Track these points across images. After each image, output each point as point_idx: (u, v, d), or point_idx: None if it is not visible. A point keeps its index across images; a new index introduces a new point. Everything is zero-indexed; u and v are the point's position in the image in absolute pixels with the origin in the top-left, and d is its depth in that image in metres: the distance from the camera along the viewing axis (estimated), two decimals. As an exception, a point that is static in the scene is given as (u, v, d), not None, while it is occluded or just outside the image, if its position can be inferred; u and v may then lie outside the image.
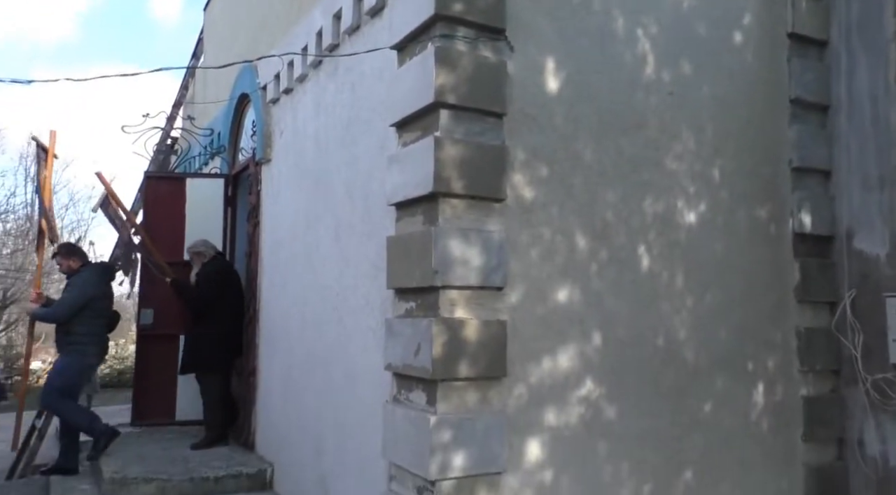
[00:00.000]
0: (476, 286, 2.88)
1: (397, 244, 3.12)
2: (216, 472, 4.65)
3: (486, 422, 2.82)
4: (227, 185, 6.32)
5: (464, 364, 2.80)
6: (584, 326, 3.11)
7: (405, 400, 3.02)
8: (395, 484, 3.02)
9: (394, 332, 3.09)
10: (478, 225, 2.92)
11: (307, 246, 4.46)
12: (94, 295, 5.33)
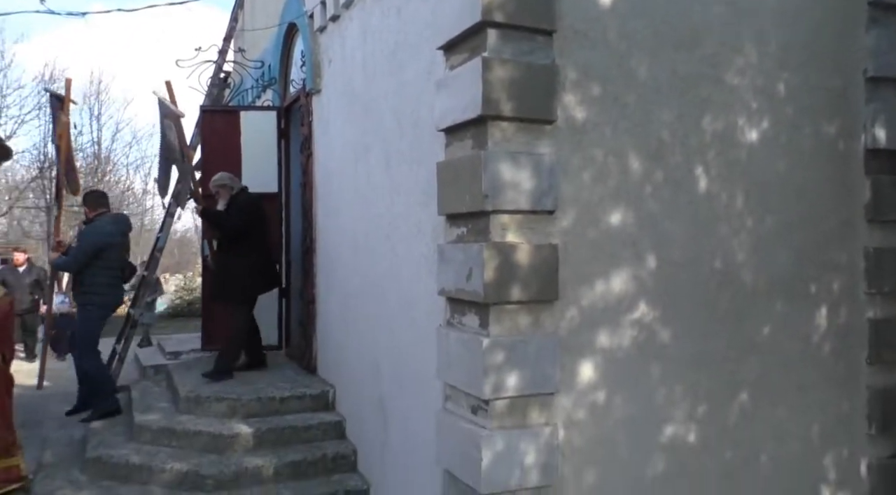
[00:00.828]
0: (527, 210, 2.86)
1: (447, 170, 3.10)
2: (282, 393, 4.91)
3: (539, 344, 2.86)
4: (280, 118, 6.37)
5: (515, 288, 2.82)
6: (637, 249, 3.06)
7: (458, 323, 3.07)
8: (450, 403, 3.13)
9: (445, 258, 3.12)
10: (528, 148, 2.86)
11: (358, 175, 4.50)
12: (105, 244, 5.41)
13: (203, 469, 4.13)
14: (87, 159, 19.50)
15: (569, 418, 2.91)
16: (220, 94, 6.99)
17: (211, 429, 4.48)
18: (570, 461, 2.89)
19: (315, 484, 4.18)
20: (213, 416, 4.71)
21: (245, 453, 4.38)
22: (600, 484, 2.94)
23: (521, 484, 2.78)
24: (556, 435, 2.86)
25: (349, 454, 4.45)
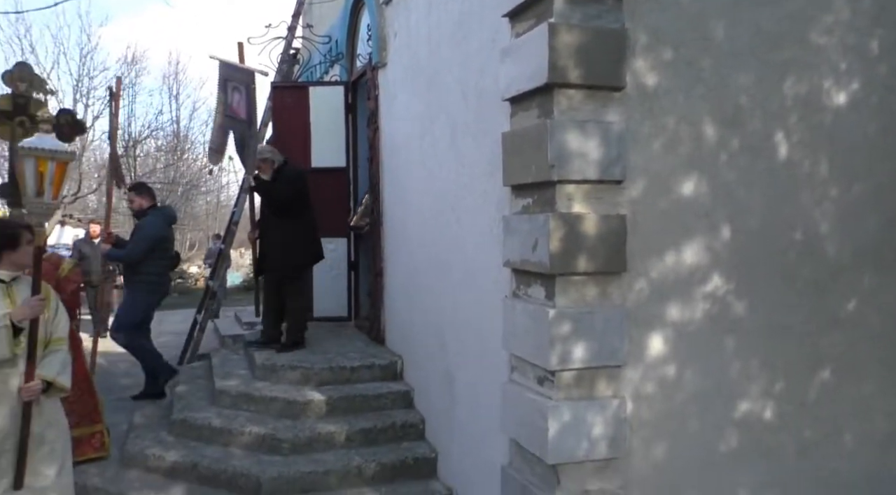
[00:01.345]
0: (594, 180, 2.80)
1: (512, 140, 3.07)
2: (352, 362, 5.05)
3: (606, 316, 2.82)
4: (347, 92, 6.44)
5: (582, 258, 2.78)
6: (711, 219, 2.95)
7: (524, 295, 3.07)
8: (516, 374, 3.14)
9: (511, 229, 3.10)
10: (596, 116, 2.79)
11: (423, 148, 4.51)
12: (161, 236, 5.68)
13: (279, 433, 4.32)
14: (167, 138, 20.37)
15: (637, 391, 2.86)
16: (289, 70, 7.12)
17: (286, 396, 4.66)
18: (638, 434, 2.85)
19: (385, 451, 4.29)
20: (287, 383, 4.90)
21: (318, 419, 4.54)
22: (670, 459, 2.90)
23: (589, 455, 2.77)
24: (624, 407, 2.83)
25: (417, 423, 4.54)
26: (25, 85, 3.81)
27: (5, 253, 2.98)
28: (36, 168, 2.97)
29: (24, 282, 3.05)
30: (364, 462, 4.15)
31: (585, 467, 2.80)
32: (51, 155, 2.97)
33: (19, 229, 3.06)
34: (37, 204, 3.02)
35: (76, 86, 17.96)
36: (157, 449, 4.39)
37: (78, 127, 4.03)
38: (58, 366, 3.02)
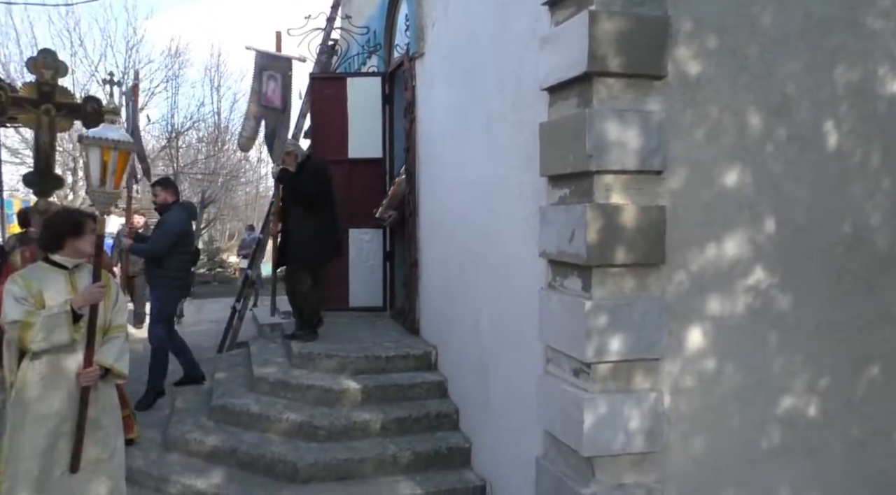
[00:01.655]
0: (633, 170, 2.75)
1: (550, 130, 3.03)
2: (387, 352, 5.09)
3: (644, 308, 2.77)
4: (384, 83, 6.46)
5: (620, 250, 2.74)
6: (754, 211, 2.88)
7: (560, 286, 3.04)
8: (551, 366, 3.12)
9: (547, 220, 3.08)
10: (636, 105, 2.74)
11: (459, 138, 4.50)
12: (184, 231, 5.74)
13: (316, 420, 4.38)
14: (208, 129, 20.73)
15: (676, 385, 2.82)
16: (328, 61, 7.17)
17: (322, 384, 4.72)
18: (676, 428, 2.81)
19: (419, 440, 4.32)
20: (323, 372, 4.96)
21: (353, 407, 4.59)
22: (709, 454, 2.85)
23: (625, 448, 2.74)
24: (661, 401, 2.79)
25: (451, 413, 4.56)
26: (51, 72, 3.79)
27: (69, 240, 3.02)
28: (101, 157, 2.99)
29: (86, 270, 3.10)
30: (399, 450, 4.18)
31: (621, 460, 2.77)
32: (114, 144, 2.99)
33: (84, 217, 3.12)
34: (100, 193, 3.04)
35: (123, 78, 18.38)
36: (198, 434, 4.50)
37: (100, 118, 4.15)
38: (115, 352, 3.07)
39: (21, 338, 2.84)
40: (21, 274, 3.04)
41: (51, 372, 2.93)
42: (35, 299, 2.90)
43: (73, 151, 18.12)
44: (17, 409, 2.93)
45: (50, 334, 2.85)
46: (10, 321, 2.85)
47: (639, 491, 2.75)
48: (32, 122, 3.79)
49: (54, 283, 2.99)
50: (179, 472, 4.18)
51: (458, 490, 3.97)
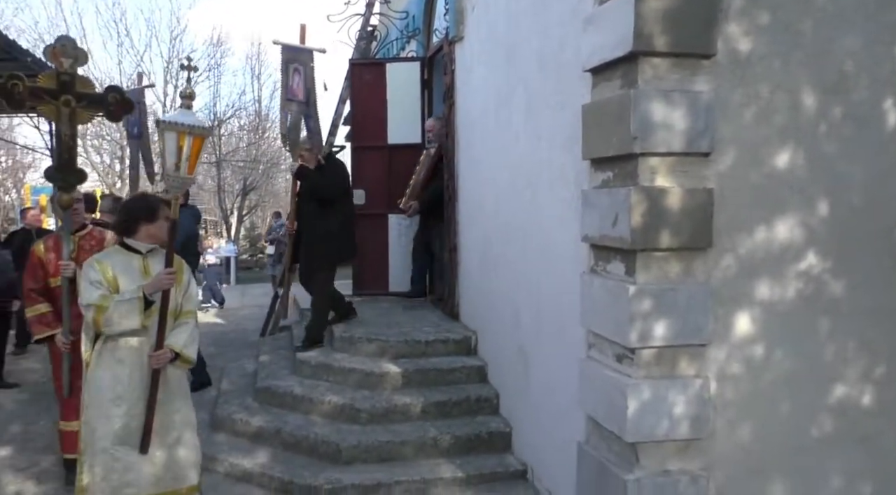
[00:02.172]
0: (679, 152, 2.69)
1: (593, 112, 2.98)
2: (427, 337, 5.11)
3: (690, 293, 2.72)
4: (423, 68, 6.44)
5: (665, 234, 2.69)
6: (807, 194, 2.78)
7: (602, 271, 3.00)
8: (594, 351, 3.09)
9: (590, 203, 3.04)
10: (683, 85, 2.67)
11: (499, 122, 4.46)
12: (193, 233, 5.89)
13: (357, 403, 4.44)
14: (249, 117, 21.05)
15: (722, 371, 2.76)
16: (367, 46, 7.18)
17: (363, 367, 4.78)
18: (723, 415, 2.76)
19: (459, 424, 4.34)
20: (364, 355, 5.02)
21: (394, 391, 4.63)
22: (756, 441, 2.79)
23: (669, 435, 2.71)
24: (707, 387, 2.74)
25: (491, 397, 4.56)
26: (70, 61, 3.57)
27: (143, 225, 3.07)
28: (176, 142, 2.97)
29: (159, 255, 3.12)
30: (439, 434, 4.21)
31: (666, 446, 2.74)
32: (189, 129, 2.98)
33: (158, 202, 3.16)
34: (174, 177, 3.04)
35: (166, 68, 18.80)
36: (244, 415, 4.61)
37: (126, 105, 3.87)
38: (185, 338, 3.11)
39: (95, 321, 2.91)
40: (97, 258, 3.09)
41: (123, 355, 2.99)
42: (110, 283, 2.96)
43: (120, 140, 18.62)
44: (91, 390, 3.00)
45: (122, 319, 2.90)
46: (85, 304, 2.92)
47: (684, 477, 2.72)
48: (52, 114, 3.68)
49: (128, 268, 3.05)
50: (227, 452, 4.30)
51: (499, 474, 3.99)
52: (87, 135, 18.10)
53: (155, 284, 2.97)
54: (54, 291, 3.92)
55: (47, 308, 3.93)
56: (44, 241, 4.06)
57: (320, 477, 3.86)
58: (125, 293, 2.94)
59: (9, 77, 3.55)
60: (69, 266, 3.76)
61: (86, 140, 18.05)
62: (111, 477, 2.93)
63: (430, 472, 3.96)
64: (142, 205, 3.14)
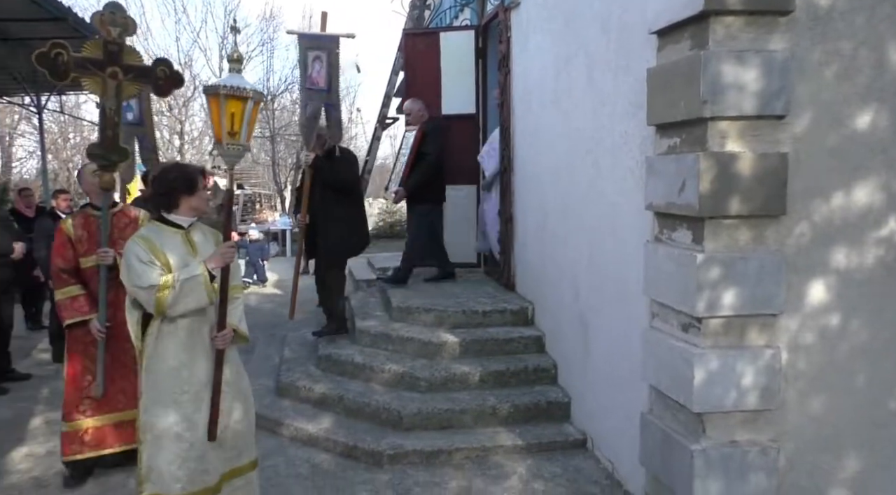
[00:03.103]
0: (752, 115, 2.59)
1: (659, 75, 2.89)
2: (483, 307, 5.13)
3: (761, 262, 2.64)
4: (477, 37, 6.36)
5: (735, 200, 2.61)
6: (889, 156, 2.65)
7: (667, 239, 2.94)
8: (657, 321, 3.04)
9: (655, 170, 2.96)
10: (757, 44, 2.56)
11: (558, 89, 4.38)
12: None
13: (416, 371, 4.51)
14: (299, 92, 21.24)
15: (794, 341, 2.69)
16: (420, 16, 7.12)
17: (421, 337, 4.84)
18: (794, 386, 2.69)
19: (518, 394, 4.37)
20: (421, 325, 5.08)
21: (452, 360, 4.69)
22: (829, 413, 2.72)
23: (738, 405, 2.66)
24: (778, 357, 2.67)
25: (549, 367, 4.57)
26: (118, 30, 3.34)
27: (184, 197, 2.83)
28: (227, 108, 2.73)
29: (199, 229, 2.94)
30: (498, 403, 4.24)
31: (734, 417, 2.70)
32: (235, 91, 2.73)
33: (197, 172, 2.90)
34: (228, 145, 2.78)
35: (221, 43, 19.07)
36: (307, 382, 4.74)
37: (175, 79, 3.58)
38: (239, 314, 2.96)
39: (158, 302, 2.65)
40: (142, 235, 2.82)
41: (186, 337, 2.79)
42: (161, 263, 2.72)
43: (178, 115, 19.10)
44: (153, 378, 2.79)
45: (189, 298, 2.69)
46: (145, 286, 2.65)
47: (753, 448, 2.67)
48: (97, 87, 3.35)
49: (174, 244, 2.81)
50: (292, 417, 4.44)
51: (558, 442, 4.01)
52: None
53: (219, 258, 2.77)
54: (85, 272, 3.66)
55: (80, 290, 3.64)
56: (72, 218, 3.73)
57: (383, 442, 3.96)
58: (188, 270, 2.71)
59: (52, 46, 3.26)
60: (108, 254, 3.55)
61: (148, 117, 18.57)
62: (187, 464, 2.76)
63: (490, 440, 4.00)
64: (180, 176, 2.84)
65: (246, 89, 2.76)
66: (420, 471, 3.76)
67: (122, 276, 2.76)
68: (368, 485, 3.61)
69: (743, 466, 2.67)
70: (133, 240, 2.78)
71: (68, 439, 3.66)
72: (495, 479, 3.64)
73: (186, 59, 18.92)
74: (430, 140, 5.80)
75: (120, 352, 3.64)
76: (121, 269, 2.79)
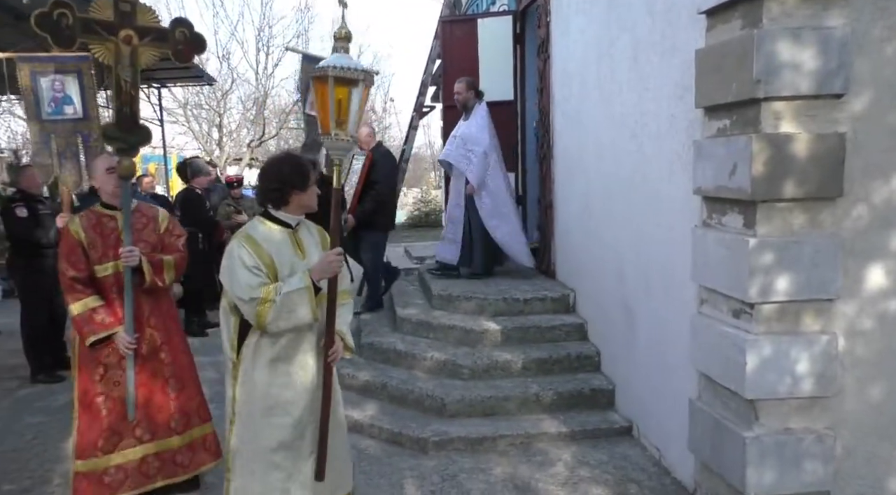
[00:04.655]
0: (808, 95, 2.52)
1: (709, 56, 2.83)
2: (524, 295, 5.12)
3: (816, 246, 2.58)
4: (515, 22, 6.30)
5: (789, 183, 2.54)
6: (954, 135, 2.55)
7: (717, 224, 2.89)
8: (706, 307, 3.00)
9: (704, 154, 2.91)
10: (814, 21, 2.48)
11: (600, 73, 4.32)
12: None
13: (458, 359, 4.53)
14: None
15: (852, 327, 2.62)
16: (457, 1, 7.07)
17: (462, 325, 4.85)
18: (851, 373, 2.63)
19: (561, 381, 4.35)
20: (462, 313, 5.09)
21: (494, 347, 4.69)
22: (889, 401, 2.64)
23: (792, 392, 2.61)
24: (835, 344, 2.60)
25: (592, 355, 4.54)
26: None
27: (295, 193, 2.49)
28: (333, 93, 2.36)
29: (305, 228, 2.63)
30: (541, 390, 4.24)
31: (788, 404, 2.65)
32: (352, 74, 2.36)
33: (309, 166, 2.56)
34: (338, 137, 2.43)
35: (258, 35, 19.30)
36: (350, 369, 4.80)
37: (197, 42, 3.15)
38: (347, 320, 2.64)
39: (259, 315, 2.34)
40: (246, 235, 2.47)
41: (288, 353, 2.48)
42: (267, 267, 2.41)
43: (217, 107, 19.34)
44: (249, 397, 2.47)
45: (291, 314, 2.36)
46: (247, 298, 2.34)
47: (808, 436, 2.62)
48: (109, 54, 2.87)
49: (282, 246, 2.49)
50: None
51: (603, 430, 3.98)
52: (189, 105, 18.97)
53: (323, 268, 2.42)
54: (101, 282, 3.11)
55: (97, 300, 3.08)
56: (79, 218, 3.15)
57: (427, 429, 3.99)
58: (291, 281, 2.38)
59: (54, 5, 2.80)
60: (133, 253, 3.04)
61: (187, 109, 18.94)
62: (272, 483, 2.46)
63: (534, 427, 4.00)
64: (294, 169, 2.50)
65: (355, 69, 2.37)
66: (465, 458, 3.78)
67: (223, 278, 2.44)
68: (415, 471, 3.65)
69: (798, 454, 2.62)
70: (238, 240, 2.46)
71: (86, 482, 3.05)
72: (540, 466, 3.64)
73: (224, 53, 19.18)
74: (379, 167, 5.68)
75: (153, 366, 3.19)
76: (222, 272, 2.45)
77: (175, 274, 3.27)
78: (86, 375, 3.10)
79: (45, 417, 4.54)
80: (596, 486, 3.40)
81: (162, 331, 3.24)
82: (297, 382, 2.48)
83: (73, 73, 3.86)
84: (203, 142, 19.73)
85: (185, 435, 3.26)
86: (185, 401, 3.27)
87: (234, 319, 2.48)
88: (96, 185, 3.28)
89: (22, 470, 3.74)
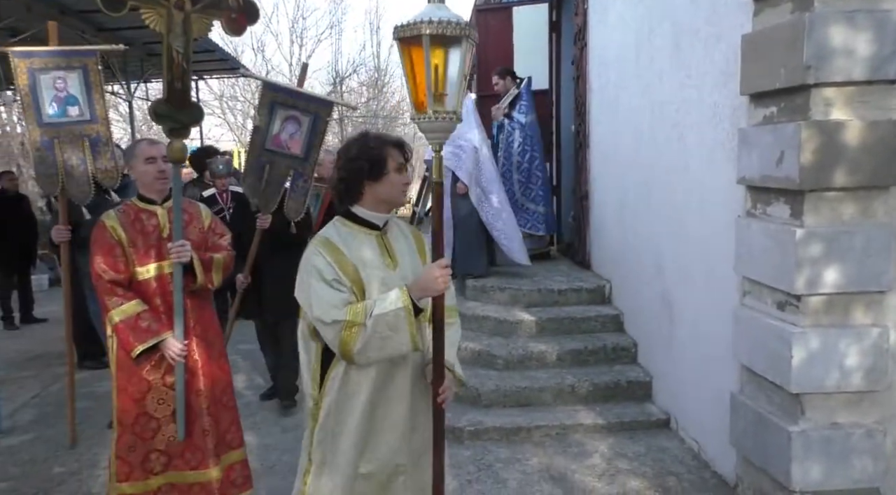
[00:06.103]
0: (861, 81, 2.44)
1: (755, 42, 2.76)
2: (559, 286, 5.09)
3: (868, 236, 2.50)
4: (551, 10, 6.23)
5: (839, 172, 2.47)
6: None
7: (762, 214, 2.82)
8: (749, 298, 2.94)
9: (749, 142, 2.84)
10: (868, 4, 2.41)
11: (639, 61, 4.24)
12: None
13: (493, 349, 4.52)
14: (368, 72, 21.45)
15: (904, 320, 2.54)
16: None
17: (497, 315, 4.84)
18: (903, 367, 2.55)
19: (596, 373, 4.32)
20: (496, 304, 5.08)
21: (528, 338, 4.67)
22: (942, 397, 2.57)
23: (840, 386, 2.55)
24: (886, 337, 2.53)
25: (629, 346, 4.49)
26: None
27: (367, 184, 1.97)
28: (428, 58, 1.77)
29: (397, 228, 2.11)
30: (577, 381, 4.21)
31: (835, 399, 2.58)
32: (454, 30, 1.75)
33: (385, 146, 1.98)
34: (437, 113, 1.83)
35: (292, 27, 19.45)
36: (385, 358, 4.82)
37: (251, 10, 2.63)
38: (456, 349, 2.15)
39: (344, 342, 1.86)
40: (325, 239, 1.97)
41: (381, 390, 1.99)
42: (351, 281, 1.92)
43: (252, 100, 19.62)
44: (330, 442, 2.01)
45: (385, 342, 1.85)
46: (328, 320, 1.86)
47: (857, 431, 2.55)
48: (160, 21, 2.51)
49: (367, 252, 1.98)
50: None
51: (640, 422, 3.95)
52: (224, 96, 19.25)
53: (426, 285, 1.87)
54: (143, 285, 2.71)
55: (140, 305, 2.67)
56: (117, 213, 2.75)
57: (463, 419, 4.00)
58: (384, 301, 1.86)
59: None
60: (184, 248, 2.63)
61: (223, 100, 19.22)
62: None
63: (569, 418, 3.98)
64: (361, 152, 1.97)
65: (457, 24, 1.76)
66: (500, 448, 3.78)
67: (298, 296, 1.96)
68: (450, 460, 3.65)
69: (846, 449, 2.56)
70: (315, 246, 1.96)
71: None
72: (577, 457, 3.62)
73: (259, 45, 19.36)
74: None
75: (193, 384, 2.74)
76: (296, 288, 1.97)
77: (223, 274, 2.88)
78: (127, 388, 2.71)
79: (92, 402, 4.66)
80: (634, 478, 3.37)
81: (203, 346, 2.79)
82: (389, 428, 2.01)
83: (77, 69, 3.44)
84: (238, 134, 19.99)
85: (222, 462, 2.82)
86: (223, 426, 2.86)
87: (315, 346, 2.02)
88: (133, 175, 2.90)
89: (71, 453, 3.85)
